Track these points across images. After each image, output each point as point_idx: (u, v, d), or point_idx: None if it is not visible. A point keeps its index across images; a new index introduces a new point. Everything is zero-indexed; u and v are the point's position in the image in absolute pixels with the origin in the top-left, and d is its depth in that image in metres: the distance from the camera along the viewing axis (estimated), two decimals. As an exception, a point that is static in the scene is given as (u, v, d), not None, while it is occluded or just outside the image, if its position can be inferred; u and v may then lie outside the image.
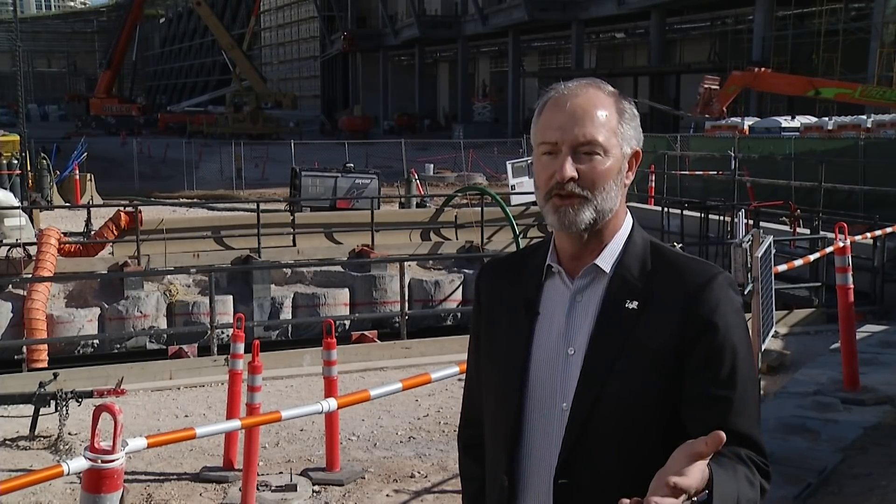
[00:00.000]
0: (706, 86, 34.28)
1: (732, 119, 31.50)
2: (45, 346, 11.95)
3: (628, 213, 1.83)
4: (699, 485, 1.49)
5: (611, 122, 1.75)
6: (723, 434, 1.49)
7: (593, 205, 1.73)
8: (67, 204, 23.05)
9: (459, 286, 15.30)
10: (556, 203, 1.74)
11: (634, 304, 1.73)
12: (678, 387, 1.70)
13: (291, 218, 17.24)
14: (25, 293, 12.70)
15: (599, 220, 1.75)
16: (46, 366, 11.09)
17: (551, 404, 1.76)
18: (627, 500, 1.46)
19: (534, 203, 16.36)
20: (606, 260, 1.78)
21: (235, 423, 5.04)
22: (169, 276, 13.91)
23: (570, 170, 1.71)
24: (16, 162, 21.89)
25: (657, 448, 1.64)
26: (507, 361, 1.83)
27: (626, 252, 1.79)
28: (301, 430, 7.37)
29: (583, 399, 1.72)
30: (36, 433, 7.21)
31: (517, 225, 16.56)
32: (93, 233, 16.16)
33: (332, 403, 4.61)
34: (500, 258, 2.01)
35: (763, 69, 34.75)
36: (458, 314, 14.46)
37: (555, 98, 1.78)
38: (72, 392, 7.18)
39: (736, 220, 13.52)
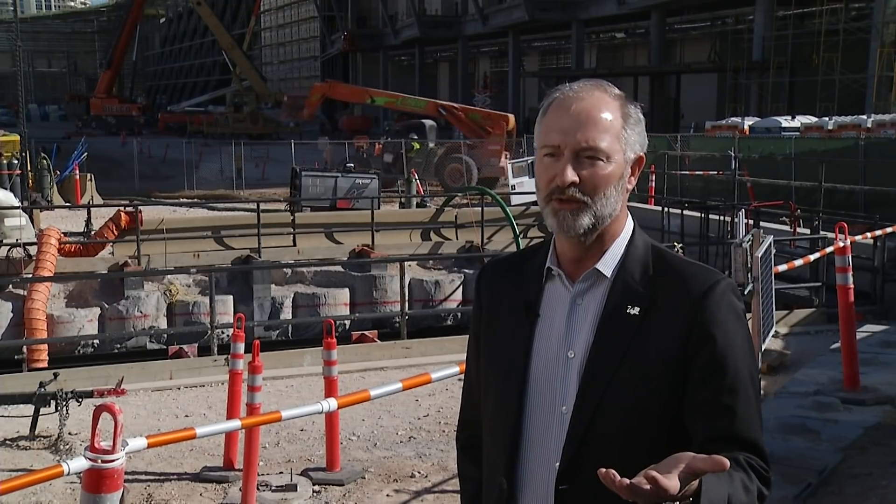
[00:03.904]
0: (286, 96, 46.19)
1: (733, 119, 31.54)
2: (46, 345, 11.97)
3: (629, 216, 1.82)
4: (678, 490, 1.48)
5: (615, 126, 1.73)
6: (724, 461, 1.47)
7: (592, 210, 1.72)
8: (68, 204, 23.03)
9: (459, 286, 15.31)
10: (556, 207, 1.73)
11: (636, 310, 1.73)
12: (681, 393, 1.70)
13: (291, 218, 17.25)
14: (25, 293, 12.71)
15: (599, 225, 1.74)
16: (46, 366, 11.10)
17: (550, 407, 1.76)
18: (604, 470, 1.47)
19: (534, 203, 16.39)
20: (608, 264, 1.77)
21: (235, 423, 5.04)
22: (169, 276, 13.91)
23: (570, 175, 1.70)
24: (16, 162, 21.87)
25: (660, 453, 1.62)
26: (507, 363, 1.82)
27: (627, 256, 1.78)
28: (301, 430, 7.37)
29: (584, 405, 1.71)
30: (36, 433, 7.20)
31: (517, 225, 16.57)
32: (93, 233, 16.16)
33: (332, 403, 4.61)
34: (499, 259, 2.00)
35: (335, 82, 45.17)
36: (459, 314, 14.46)
37: (559, 100, 1.76)
38: (72, 392, 7.18)
39: (736, 220, 13.51)
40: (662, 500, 1.49)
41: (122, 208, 16.11)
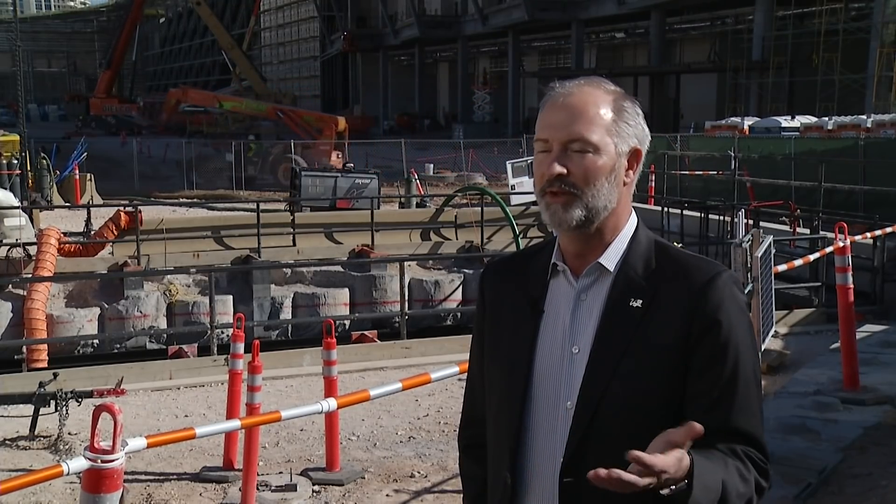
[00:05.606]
0: (142, 101, 53.50)
1: (732, 119, 31.55)
2: (45, 345, 11.95)
3: (633, 212, 1.83)
4: (674, 470, 1.50)
5: (605, 119, 1.74)
6: (699, 426, 1.51)
7: (583, 202, 1.73)
8: (67, 204, 23.02)
9: (459, 286, 15.30)
10: (548, 201, 1.76)
11: (639, 303, 1.74)
12: (683, 385, 1.71)
13: (291, 218, 17.25)
14: (25, 293, 12.70)
15: (593, 218, 1.75)
16: (46, 366, 11.09)
17: (555, 403, 1.77)
18: (603, 471, 1.48)
19: (534, 203, 16.38)
20: (611, 258, 1.78)
21: (235, 423, 5.04)
22: (169, 276, 13.91)
23: (556, 167, 1.73)
24: (16, 162, 21.87)
25: None
26: (512, 360, 1.83)
27: (630, 251, 1.79)
28: (301, 430, 7.37)
29: (588, 398, 1.72)
30: (36, 433, 7.20)
31: (517, 225, 16.56)
32: (93, 233, 16.15)
33: (331, 403, 4.61)
34: (503, 258, 2.02)
35: (188, 88, 51.93)
36: (458, 314, 14.46)
37: (552, 97, 1.79)
38: (72, 392, 7.18)
39: (736, 219, 13.53)
40: (655, 484, 1.50)
41: (121, 208, 16.09)
